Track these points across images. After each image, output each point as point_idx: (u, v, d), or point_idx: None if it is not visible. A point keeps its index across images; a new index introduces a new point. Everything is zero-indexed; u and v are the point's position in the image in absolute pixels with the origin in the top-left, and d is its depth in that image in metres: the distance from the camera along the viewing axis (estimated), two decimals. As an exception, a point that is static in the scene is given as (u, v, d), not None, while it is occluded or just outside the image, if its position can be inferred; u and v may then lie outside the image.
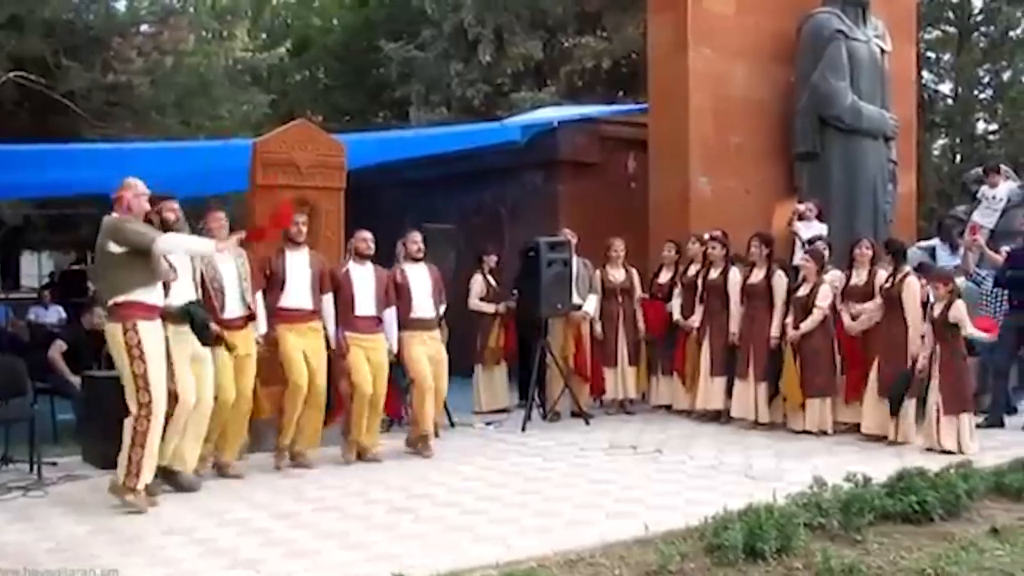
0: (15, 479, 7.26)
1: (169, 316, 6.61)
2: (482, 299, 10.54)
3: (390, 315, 8.27)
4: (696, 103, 11.26)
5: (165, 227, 6.80)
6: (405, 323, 8.38)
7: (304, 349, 7.73)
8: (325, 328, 7.94)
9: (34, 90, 14.53)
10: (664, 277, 10.42)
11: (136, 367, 6.28)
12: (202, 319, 6.70)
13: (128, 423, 6.34)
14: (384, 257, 13.03)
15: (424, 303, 8.54)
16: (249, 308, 7.47)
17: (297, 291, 7.82)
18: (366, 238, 8.28)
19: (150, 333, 6.34)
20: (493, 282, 10.63)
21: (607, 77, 19.50)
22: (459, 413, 9.92)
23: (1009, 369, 9.68)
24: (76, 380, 9.02)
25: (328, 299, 7.97)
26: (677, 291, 10.15)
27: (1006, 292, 9.55)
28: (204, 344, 6.73)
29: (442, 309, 8.82)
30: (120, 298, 6.31)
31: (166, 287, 6.61)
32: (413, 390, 8.53)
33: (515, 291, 10.41)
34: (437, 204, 13.73)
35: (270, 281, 7.77)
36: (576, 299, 9.99)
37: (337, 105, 23.34)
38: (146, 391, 6.29)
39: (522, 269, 10.00)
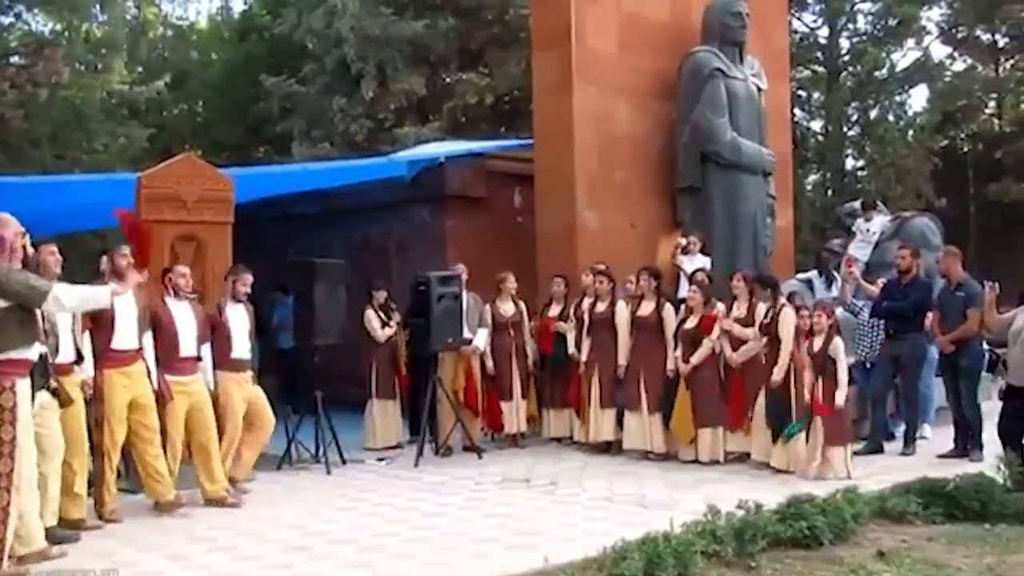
0: None
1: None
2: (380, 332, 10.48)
3: (206, 352, 8.03)
4: (581, 139, 11.42)
5: (46, 273, 6.36)
6: (223, 363, 8.15)
7: (132, 397, 7.27)
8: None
9: (-102, 121, 14.08)
10: (554, 311, 10.50)
11: (4, 432, 5.61)
12: (52, 384, 6.14)
13: None
14: (261, 295, 12.92)
15: (243, 344, 8.33)
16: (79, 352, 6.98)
17: (123, 332, 7.28)
18: (185, 274, 7.92)
19: (24, 394, 5.72)
20: (384, 317, 10.57)
21: (490, 113, 19.73)
22: (350, 449, 9.81)
23: (886, 397, 10.00)
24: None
25: (147, 339, 7.51)
26: (570, 324, 10.24)
27: (882, 322, 9.88)
28: (61, 406, 6.24)
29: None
30: None
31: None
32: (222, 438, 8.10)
33: (405, 326, 10.37)
34: (322, 239, 13.63)
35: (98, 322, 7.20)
36: (467, 333, 10.00)
37: (217, 139, 23.09)
38: (10, 459, 5.60)
39: (412, 303, 9.98)
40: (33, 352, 5.84)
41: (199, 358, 7.90)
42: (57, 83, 15.91)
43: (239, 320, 8.31)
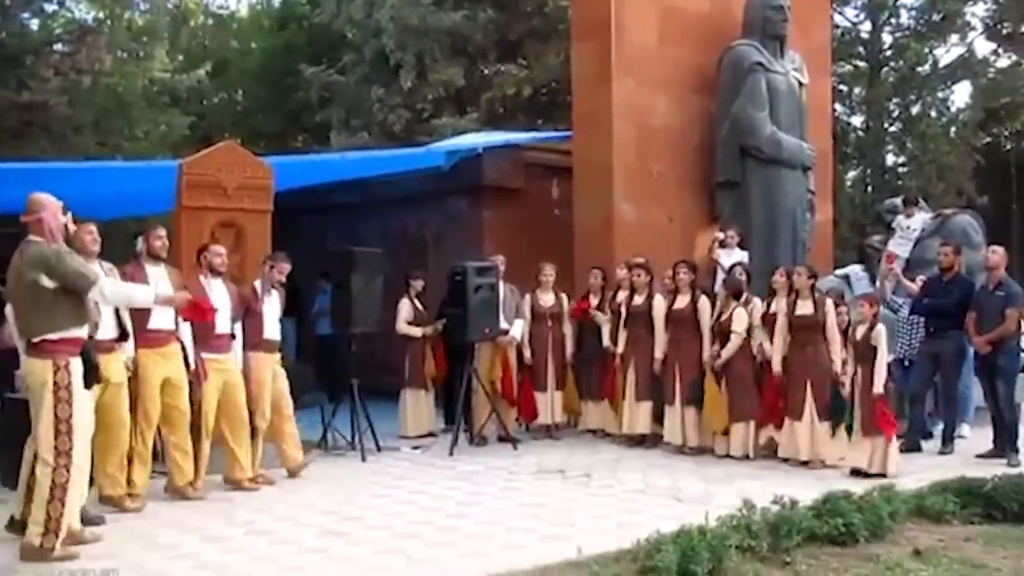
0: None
1: None
2: (410, 323, 10.53)
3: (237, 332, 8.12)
4: (619, 131, 11.40)
5: (83, 252, 6.49)
6: (255, 344, 8.23)
7: (165, 378, 7.37)
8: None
9: (-54, 108, 14.26)
10: (591, 303, 10.50)
11: (61, 410, 5.75)
12: (91, 361, 6.12)
13: (44, 473, 5.72)
14: (301, 282, 13.00)
15: (274, 326, 8.41)
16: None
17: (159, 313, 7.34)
18: (220, 253, 8.00)
19: (79, 373, 5.87)
20: (420, 306, 10.63)
21: (528, 105, 19.70)
22: (385, 437, 9.86)
23: (925, 395, 9.93)
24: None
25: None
26: (606, 316, 10.23)
27: (922, 320, 9.81)
28: (86, 386, 6.13)
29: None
30: (53, 336, 5.79)
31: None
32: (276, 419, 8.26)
33: (442, 316, 10.41)
34: (359, 228, 13.69)
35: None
36: (503, 324, 10.03)
37: (256, 128, 23.21)
38: (68, 437, 5.75)
39: (449, 294, 10.01)
40: (83, 331, 5.97)
41: (233, 336, 7.99)
42: (100, 70, 16.05)
43: (272, 304, 8.39)
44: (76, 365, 5.85)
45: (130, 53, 18.56)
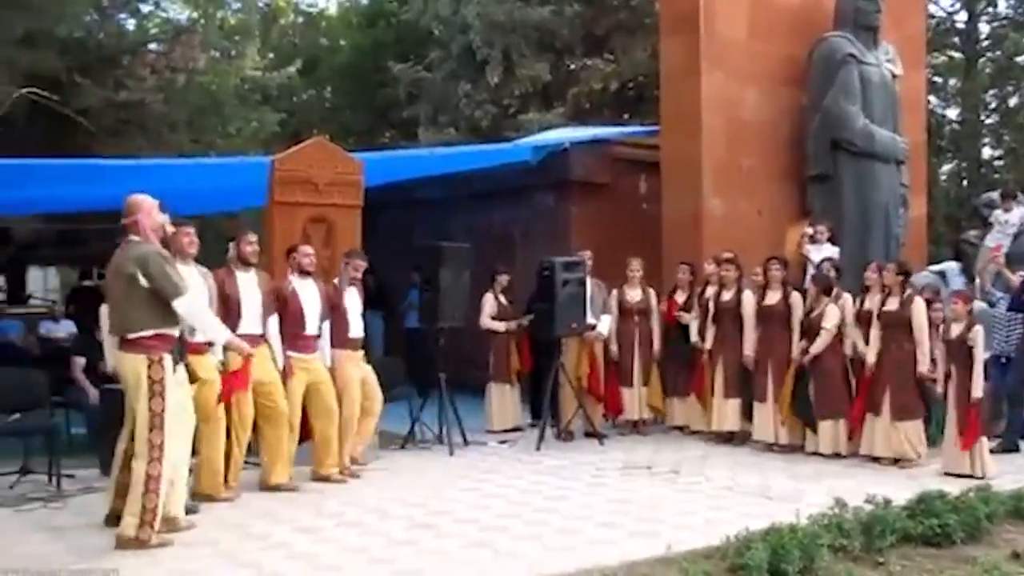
0: (34, 490, 7.29)
1: None
2: (493, 318, 10.57)
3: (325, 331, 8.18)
4: (708, 125, 11.31)
5: (180, 254, 6.71)
6: (341, 342, 8.28)
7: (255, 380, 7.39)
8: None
9: (47, 106, 14.62)
10: (679, 298, 10.43)
11: (155, 404, 5.90)
12: (180, 361, 6.26)
13: (139, 466, 5.87)
14: (389, 276, 13.15)
15: (358, 323, 8.46)
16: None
17: (252, 315, 7.50)
18: (309, 253, 8.10)
19: (171, 368, 6.02)
20: (505, 301, 10.67)
21: (615, 99, 19.59)
22: (472, 432, 9.91)
23: (1023, 394, 9.68)
24: (94, 393, 9.03)
25: (273, 320, 7.72)
26: (693, 313, 10.16)
27: (1020, 316, 9.56)
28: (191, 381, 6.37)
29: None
30: (147, 332, 5.94)
31: None
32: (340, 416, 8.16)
33: (530, 311, 10.41)
34: (446, 223, 13.78)
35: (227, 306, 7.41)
36: (590, 319, 10.02)
37: (344, 124, 23.44)
38: (160, 431, 5.88)
39: (537, 289, 10.02)
40: (176, 330, 6.10)
41: (319, 336, 8.08)
42: (194, 69, 16.35)
43: (354, 301, 8.45)
44: (169, 361, 5.98)
45: (223, 52, 18.84)
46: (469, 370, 10.73)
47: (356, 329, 8.42)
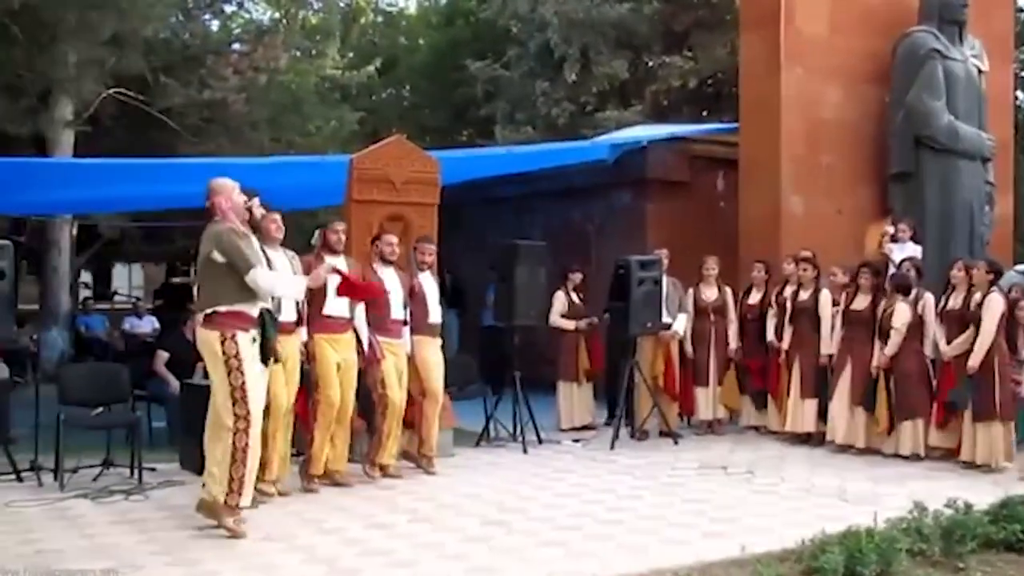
0: (116, 483, 7.44)
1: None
2: (564, 316, 10.59)
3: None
4: (788, 123, 11.17)
5: (267, 239, 6.87)
6: (420, 328, 8.33)
7: (338, 361, 7.58)
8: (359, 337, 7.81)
9: (132, 106, 14.98)
10: (754, 298, 10.34)
11: (234, 378, 6.04)
12: (271, 334, 6.37)
13: (226, 438, 6.03)
14: (461, 275, 13.22)
15: (436, 309, 8.50)
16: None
17: (335, 300, 7.57)
18: (392, 242, 8.20)
19: (247, 344, 6.12)
20: (577, 299, 10.65)
21: (693, 96, 19.47)
22: (545, 430, 9.93)
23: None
24: (176, 385, 9.23)
25: (361, 306, 7.82)
26: (771, 312, 10.05)
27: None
28: (263, 360, 6.36)
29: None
30: (222, 308, 6.09)
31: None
32: (424, 401, 8.31)
33: (606, 311, 10.38)
34: (522, 221, 13.81)
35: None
36: (666, 318, 9.96)
37: (422, 123, 23.59)
38: (244, 403, 6.03)
39: (612, 287, 10.00)
40: (254, 308, 6.21)
41: (406, 322, 8.17)
42: (275, 69, 16.61)
43: (431, 286, 8.48)
44: (244, 338, 6.07)
45: (304, 51, 19.13)
46: (544, 368, 10.74)
47: (435, 315, 8.48)
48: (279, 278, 6.62)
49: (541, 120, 19.24)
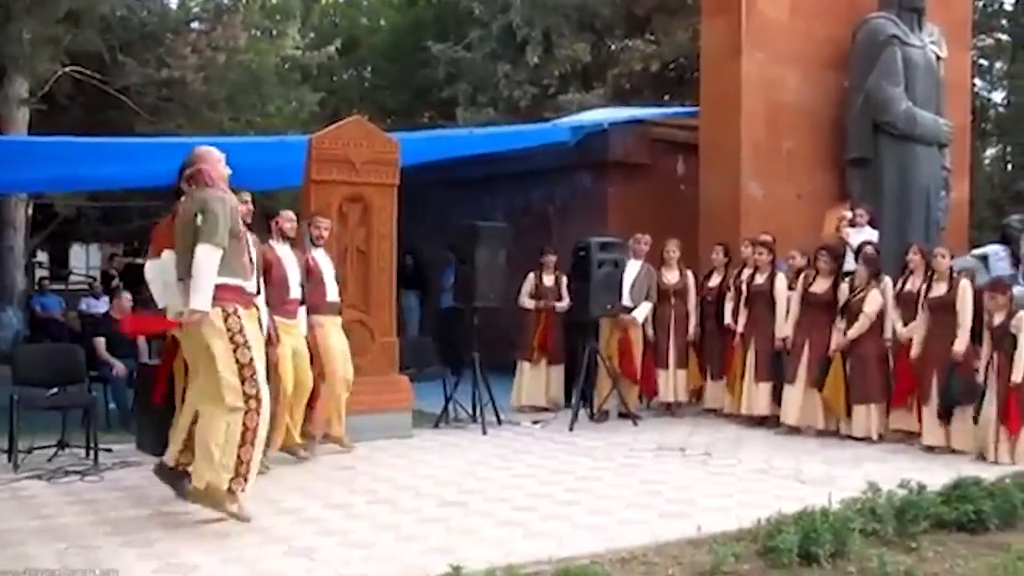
0: (72, 463, 7.38)
1: None
2: (531, 296, 10.60)
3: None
4: (748, 107, 11.22)
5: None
6: (319, 307, 8.08)
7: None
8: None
9: (89, 84, 14.78)
10: (714, 281, 10.39)
11: (241, 355, 5.67)
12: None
13: (231, 419, 5.67)
14: (422, 256, 13.17)
15: (333, 287, 8.28)
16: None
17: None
18: (291, 218, 7.91)
19: (250, 321, 5.83)
20: (552, 281, 10.65)
21: (654, 80, 19.48)
22: (504, 411, 9.94)
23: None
24: (121, 367, 9.17)
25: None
26: (729, 295, 10.10)
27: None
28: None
29: None
30: (218, 280, 5.66)
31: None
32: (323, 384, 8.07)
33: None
34: (483, 203, 13.78)
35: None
36: (627, 301, 10.00)
37: (383, 104, 23.45)
38: (253, 381, 5.69)
39: (572, 269, 10.01)
40: (249, 284, 5.91)
41: (302, 301, 7.87)
42: (234, 48, 16.43)
43: (327, 264, 8.28)
44: (246, 315, 5.79)
45: (263, 31, 18.94)
46: (504, 350, 10.75)
47: (333, 293, 8.26)
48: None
49: (503, 102, 19.20)
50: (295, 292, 7.77)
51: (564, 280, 10.52)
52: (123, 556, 5.21)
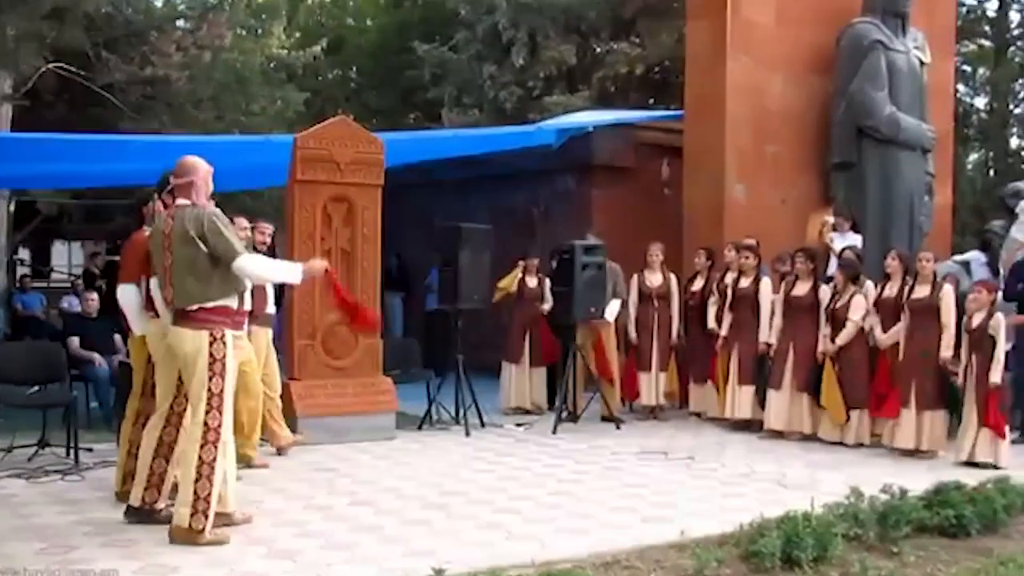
0: (52, 463, 7.35)
1: None
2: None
3: None
4: (733, 112, 11.22)
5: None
6: (257, 317, 7.68)
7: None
8: None
9: (73, 81, 14.70)
10: (697, 284, 10.40)
11: (214, 384, 5.50)
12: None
13: (191, 449, 5.48)
14: (406, 257, 13.14)
15: (272, 297, 8.12)
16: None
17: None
18: (245, 226, 7.73)
19: (235, 346, 5.70)
20: (535, 283, 10.66)
21: (639, 83, 19.51)
22: (488, 414, 9.92)
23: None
24: (100, 359, 9.14)
25: None
26: (712, 299, 10.11)
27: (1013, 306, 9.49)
28: None
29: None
30: (208, 304, 5.55)
31: None
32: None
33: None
34: (468, 205, 13.76)
35: None
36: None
37: (369, 105, 23.39)
38: (219, 412, 5.52)
39: (555, 272, 10.01)
40: (236, 302, 5.74)
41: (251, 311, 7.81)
42: (220, 47, 16.35)
43: None
44: (231, 338, 5.64)
45: (249, 30, 18.89)
46: (487, 352, 10.74)
47: (271, 304, 8.10)
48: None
49: (488, 104, 19.19)
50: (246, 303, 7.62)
51: (547, 282, 10.52)
52: (103, 557, 5.18)
